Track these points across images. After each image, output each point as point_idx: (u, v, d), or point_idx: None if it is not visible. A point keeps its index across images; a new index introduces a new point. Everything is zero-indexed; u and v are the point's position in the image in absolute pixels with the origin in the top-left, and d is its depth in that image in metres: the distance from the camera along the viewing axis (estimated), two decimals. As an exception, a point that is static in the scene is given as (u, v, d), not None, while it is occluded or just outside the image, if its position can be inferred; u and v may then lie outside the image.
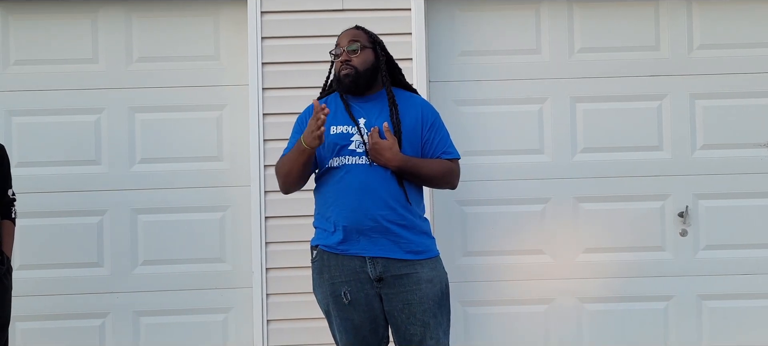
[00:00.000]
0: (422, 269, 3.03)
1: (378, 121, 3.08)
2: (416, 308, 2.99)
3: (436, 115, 3.20)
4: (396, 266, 3.01)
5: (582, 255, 4.27)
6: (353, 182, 3.01)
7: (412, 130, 3.10)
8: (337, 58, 3.13)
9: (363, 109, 3.12)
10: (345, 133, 3.07)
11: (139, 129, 4.21)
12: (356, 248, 3.02)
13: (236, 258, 4.23)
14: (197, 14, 4.21)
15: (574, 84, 4.24)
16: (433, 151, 3.15)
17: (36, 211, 4.12)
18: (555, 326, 4.27)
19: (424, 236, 3.10)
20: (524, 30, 4.26)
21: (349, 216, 3.00)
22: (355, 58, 3.09)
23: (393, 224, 3.00)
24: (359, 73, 3.09)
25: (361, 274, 3.02)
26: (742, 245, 4.26)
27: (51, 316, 4.17)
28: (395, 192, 3.02)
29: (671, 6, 4.26)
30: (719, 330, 4.28)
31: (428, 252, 3.08)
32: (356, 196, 3.00)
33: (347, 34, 3.17)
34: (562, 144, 4.24)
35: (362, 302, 3.03)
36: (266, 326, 4.09)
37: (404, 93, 3.22)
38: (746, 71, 4.25)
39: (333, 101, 3.18)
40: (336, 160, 3.06)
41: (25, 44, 4.19)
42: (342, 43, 3.13)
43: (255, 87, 4.06)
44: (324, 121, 2.90)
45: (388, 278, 3.01)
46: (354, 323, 3.05)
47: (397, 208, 3.01)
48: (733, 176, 4.25)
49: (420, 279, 3.01)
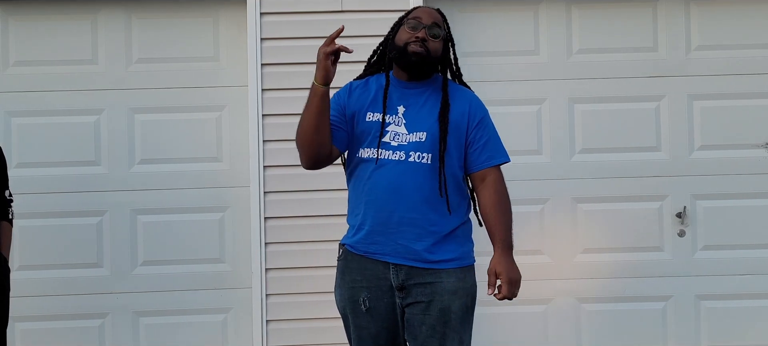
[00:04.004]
0: (448, 278, 2.76)
1: (421, 112, 2.80)
2: (436, 321, 2.74)
3: (484, 113, 2.89)
4: (420, 274, 2.76)
5: (580, 255, 4.28)
6: (383, 180, 2.75)
7: (457, 125, 2.80)
8: (414, 31, 2.78)
9: (405, 96, 2.83)
10: (381, 122, 2.79)
11: (138, 130, 4.22)
12: (381, 251, 2.78)
13: (236, 259, 4.24)
14: (197, 15, 4.22)
15: (572, 85, 4.26)
16: (478, 154, 2.84)
17: (36, 211, 4.12)
18: (553, 326, 4.28)
19: (456, 244, 2.81)
20: (523, 31, 4.27)
21: (375, 216, 2.76)
22: (433, 43, 2.79)
23: (422, 229, 2.75)
24: (431, 58, 2.80)
25: (383, 280, 2.79)
26: (740, 246, 4.27)
27: (51, 316, 4.17)
28: (429, 194, 2.75)
29: (669, 7, 4.27)
30: (717, 330, 4.29)
31: (458, 261, 2.80)
32: (386, 195, 2.75)
33: (430, 14, 2.85)
34: (561, 145, 4.25)
35: (381, 311, 2.80)
36: (266, 327, 4.09)
37: (456, 86, 2.92)
38: (744, 72, 4.26)
39: (374, 83, 2.88)
40: (368, 152, 2.79)
41: (25, 45, 4.19)
42: (423, 19, 2.81)
43: (254, 88, 4.07)
44: (335, 49, 2.62)
45: (410, 286, 2.76)
46: (370, 332, 2.81)
47: (428, 212, 2.75)
48: (731, 176, 4.26)
49: (444, 290, 2.75)
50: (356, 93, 2.87)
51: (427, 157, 2.76)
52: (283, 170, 4.07)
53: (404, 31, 2.81)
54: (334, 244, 4.05)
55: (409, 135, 2.78)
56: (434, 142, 2.76)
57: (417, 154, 2.76)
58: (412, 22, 2.80)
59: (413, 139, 2.77)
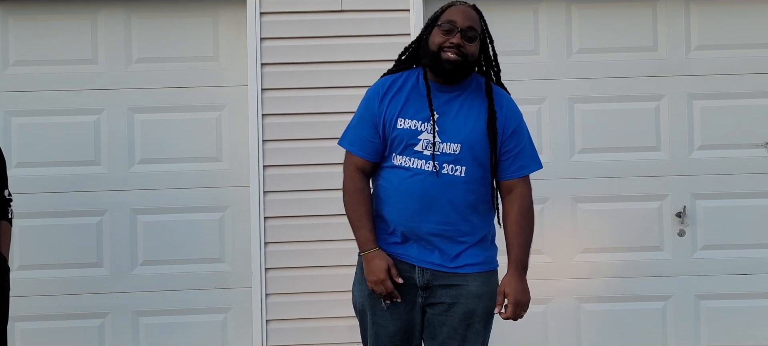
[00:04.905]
0: (474, 282, 2.76)
1: (455, 121, 2.72)
2: (458, 323, 2.74)
3: (518, 120, 2.80)
4: (446, 276, 2.75)
5: (580, 255, 4.28)
6: (415, 189, 2.71)
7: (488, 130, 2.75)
8: (448, 35, 2.67)
9: (441, 101, 2.74)
10: (414, 130, 2.71)
11: (138, 129, 4.22)
12: (408, 254, 2.77)
13: (235, 258, 4.24)
14: (197, 15, 4.22)
15: (572, 85, 4.26)
16: (509, 164, 2.77)
17: (36, 211, 4.12)
18: (553, 326, 4.28)
19: (482, 249, 2.80)
20: (522, 31, 4.27)
21: (406, 223, 2.73)
22: (470, 47, 2.68)
23: (452, 240, 2.74)
24: (468, 64, 2.69)
25: (408, 279, 2.76)
26: (739, 245, 4.27)
27: (51, 316, 4.17)
28: (461, 206, 2.72)
29: (669, 7, 4.27)
30: (717, 330, 4.29)
31: (483, 265, 2.79)
32: (418, 206, 2.71)
33: (466, 13, 2.71)
34: (560, 144, 4.25)
35: (402, 310, 2.78)
36: (265, 326, 4.09)
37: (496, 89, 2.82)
38: (744, 72, 4.26)
39: (407, 83, 2.78)
40: (400, 159, 2.73)
41: (25, 44, 4.19)
42: (458, 21, 2.68)
43: (254, 88, 4.07)
44: (386, 290, 2.73)
45: (435, 287, 2.76)
46: (388, 331, 2.80)
47: (459, 223, 2.73)
48: (731, 176, 4.26)
49: (469, 293, 2.75)
50: (388, 97, 2.78)
51: (460, 170, 2.71)
52: (283, 170, 4.07)
53: (438, 34, 2.70)
54: (334, 244, 4.07)
55: (442, 144, 2.70)
56: (468, 153, 2.70)
57: (450, 167, 2.71)
58: (446, 25, 2.69)
59: (447, 149, 2.71)
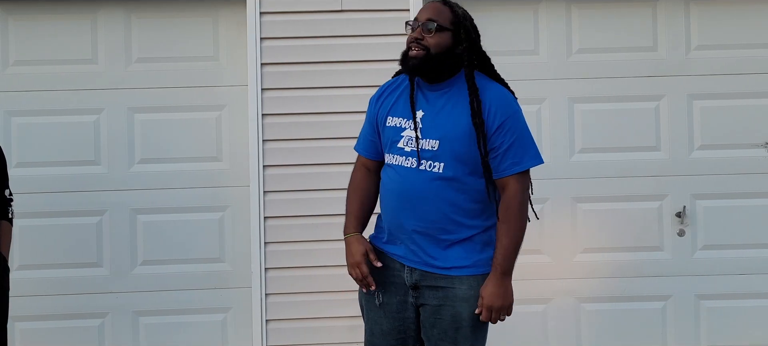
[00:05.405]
0: (461, 285, 2.71)
1: (437, 118, 2.69)
2: (447, 326, 2.72)
3: (507, 115, 2.67)
4: (433, 277, 2.73)
5: (580, 255, 4.28)
6: (395, 186, 2.73)
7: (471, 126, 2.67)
8: (412, 32, 2.69)
9: (428, 99, 2.73)
10: (398, 127, 2.74)
11: (138, 129, 4.22)
12: (396, 252, 2.78)
13: (235, 258, 4.24)
14: (197, 15, 4.22)
15: (572, 84, 4.26)
16: (499, 162, 2.68)
17: (35, 211, 4.12)
18: (553, 326, 4.28)
19: (471, 251, 2.72)
20: (522, 31, 4.27)
21: (390, 220, 2.76)
22: (430, 38, 2.66)
23: (432, 238, 2.71)
24: (430, 56, 2.66)
25: (398, 278, 2.78)
26: (739, 245, 4.27)
27: (51, 316, 4.17)
28: (438, 200, 2.68)
29: (669, 7, 4.27)
30: (717, 330, 4.29)
31: (471, 268, 2.72)
32: (398, 202, 2.72)
33: (428, 7, 2.71)
34: (560, 144, 4.25)
35: (393, 308, 2.80)
36: (265, 326, 4.09)
37: (484, 83, 2.73)
38: (744, 72, 4.26)
39: (404, 82, 2.80)
40: (389, 157, 2.77)
41: (25, 44, 4.19)
42: (420, 17, 2.69)
43: (254, 87, 4.07)
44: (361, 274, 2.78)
45: (423, 288, 2.75)
46: (382, 328, 2.81)
47: (439, 221, 2.69)
48: (731, 176, 4.26)
49: (455, 296, 2.71)
50: (383, 98, 2.84)
51: (439, 166, 2.68)
52: (283, 170, 4.07)
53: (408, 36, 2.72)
54: (334, 244, 4.07)
55: (422, 141, 2.69)
56: (447, 149, 2.67)
57: (428, 163, 2.69)
58: (413, 23, 2.71)
59: (426, 146, 2.69)
